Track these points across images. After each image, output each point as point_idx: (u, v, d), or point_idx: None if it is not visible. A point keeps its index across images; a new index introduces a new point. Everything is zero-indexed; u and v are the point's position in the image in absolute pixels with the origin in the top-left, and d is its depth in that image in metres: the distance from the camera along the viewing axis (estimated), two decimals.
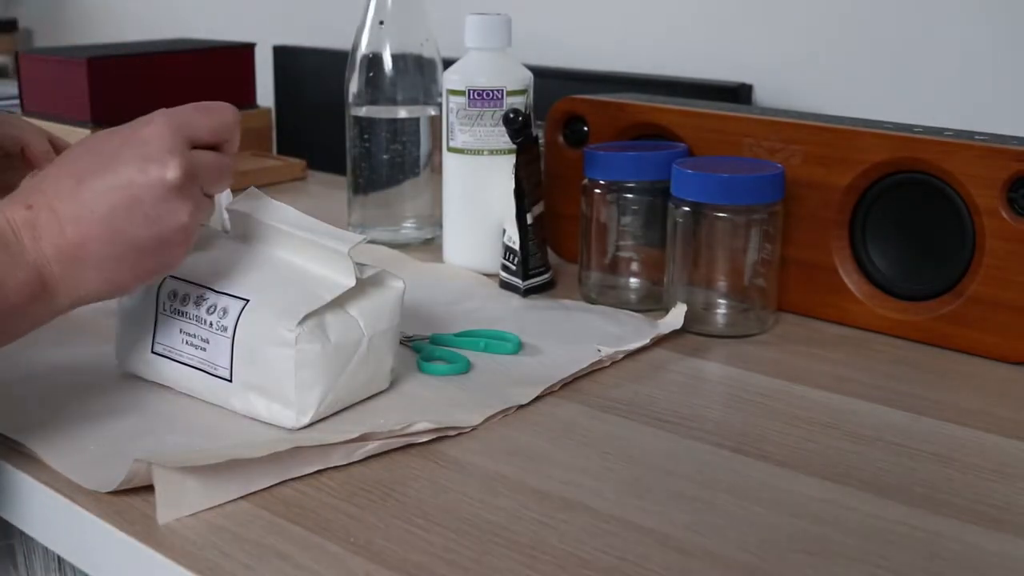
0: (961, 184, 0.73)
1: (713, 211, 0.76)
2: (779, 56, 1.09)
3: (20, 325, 0.56)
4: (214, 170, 0.60)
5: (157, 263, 0.58)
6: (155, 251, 0.57)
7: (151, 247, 0.57)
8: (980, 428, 0.64)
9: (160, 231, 0.56)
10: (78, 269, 0.56)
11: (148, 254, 0.57)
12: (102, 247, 0.56)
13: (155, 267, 0.58)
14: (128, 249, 0.56)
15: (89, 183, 0.56)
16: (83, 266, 0.56)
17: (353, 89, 0.98)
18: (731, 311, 0.79)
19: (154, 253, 0.57)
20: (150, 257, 0.57)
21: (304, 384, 0.60)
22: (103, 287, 0.57)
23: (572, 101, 0.91)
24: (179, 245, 0.58)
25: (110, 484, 0.54)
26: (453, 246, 0.93)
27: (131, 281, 0.58)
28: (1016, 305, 0.72)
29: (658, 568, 0.49)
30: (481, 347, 0.73)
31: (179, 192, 0.56)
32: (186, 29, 1.66)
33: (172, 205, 0.56)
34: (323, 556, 0.50)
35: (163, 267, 0.59)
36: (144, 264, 0.57)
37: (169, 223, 0.57)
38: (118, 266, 0.56)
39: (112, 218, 0.55)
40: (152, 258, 0.57)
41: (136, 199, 0.56)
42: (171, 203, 0.56)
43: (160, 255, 0.58)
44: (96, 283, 0.57)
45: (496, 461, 0.59)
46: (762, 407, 0.66)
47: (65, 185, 0.56)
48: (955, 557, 0.50)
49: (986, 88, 0.97)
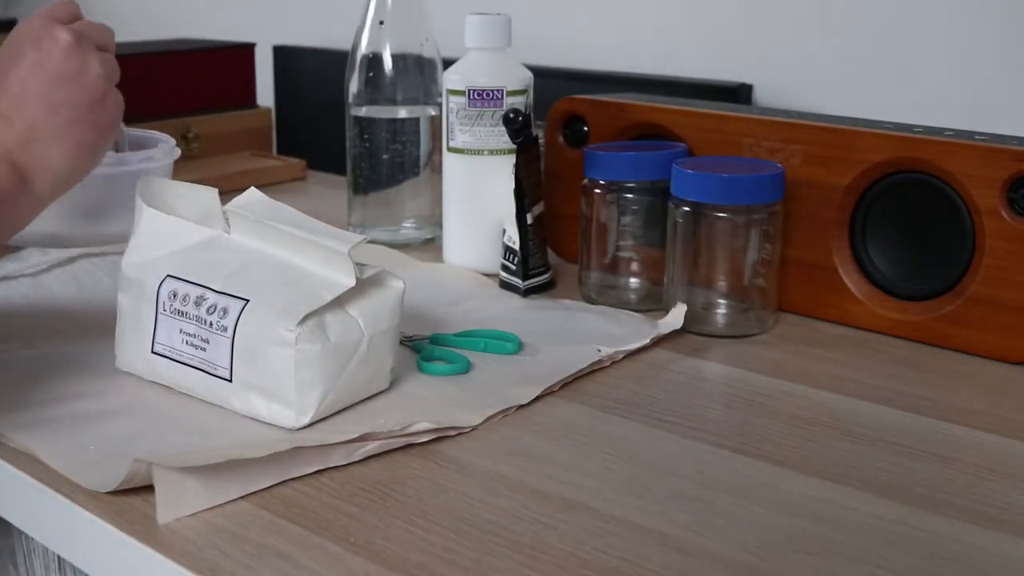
0: (961, 184, 0.73)
1: (713, 211, 0.76)
2: (779, 56, 1.09)
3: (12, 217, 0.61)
4: (93, 27, 0.67)
5: (100, 114, 0.65)
6: (90, 104, 0.64)
7: (87, 103, 0.64)
8: (980, 428, 0.64)
9: (84, 84, 0.64)
10: (40, 147, 0.62)
11: (88, 109, 0.64)
12: (49, 119, 0.62)
13: (100, 119, 0.65)
14: (70, 111, 0.63)
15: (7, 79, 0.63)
16: (43, 142, 0.62)
17: (353, 89, 0.98)
18: (731, 311, 0.79)
19: (92, 106, 0.64)
20: (92, 111, 0.64)
21: (304, 384, 0.60)
22: (71, 153, 0.63)
23: (572, 101, 0.91)
24: (107, 92, 0.65)
25: (110, 484, 0.54)
26: (453, 246, 0.93)
27: (91, 137, 0.64)
28: (1016, 305, 0.72)
29: (658, 568, 0.49)
30: (481, 347, 0.73)
31: (78, 49, 0.64)
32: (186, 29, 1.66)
33: (79, 60, 0.64)
34: (323, 556, 0.50)
35: (107, 116, 0.65)
36: (91, 118, 0.64)
37: (87, 76, 0.64)
38: (71, 129, 0.63)
39: (42, 94, 0.63)
40: (94, 111, 0.64)
41: (51, 70, 0.63)
42: (77, 59, 0.64)
43: (98, 106, 0.64)
44: (62, 152, 0.63)
45: (496, 461, 0.59)
46: (762, 407, 0.66)
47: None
48: (955, 557, 0.50)
49: (986, 88, 0.97)
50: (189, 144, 1.27)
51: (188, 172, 1.18)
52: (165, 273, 0.64)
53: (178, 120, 1.26)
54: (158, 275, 0.64)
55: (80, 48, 0.64)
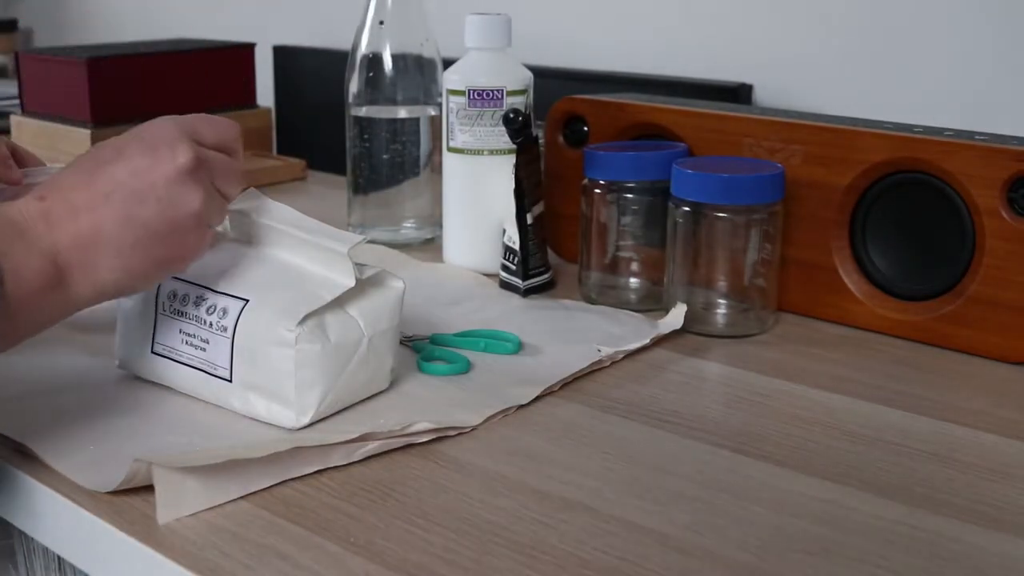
0: (961, 184, 0.73)
1: (713, 211, 0.76)
2: (779, 56, 1.09)
3: (38, 316, 0.55)
4: (223, 165, 0.61)
5: (172, 251, 0.58)
6: (170, 237, 0.58)
7: (165, 232, 0.57)
8: (980, 428, 0.64)
9: (173, 215, 0.57)
10: (94, 256, 0.56)
11: (163, 241, 0.57)
12: (116, 232, 0.56)
13: (171, 255, 0.58)
14: (143, 234, 0.57)
15: (101, 172, 0.57)
16: (98, 253, 0.56)
17: (353, 89, 0.98)
18: (731, 311, 0.79)
19: (169, 240, 0.58)
20: (165, 244, 0.58)
21: (304, 384, 0.60)
22: (120, 276, 0.57)
23: (572, 101, 0.91)
24: (193, 232, 0.59)
25: (110, 484, 0.54)
26: (453, 246, 0.93)
27: (148, 269, 0.58)
28: (1016, 305, 0.72)
29: (658, 568, 0.49)
30: (481, 347, 0.73)
31: (189, 177, 0.57)
32: (186, 29, 1.66)
33: (183, 189, 0.57)
34: (323, 556, 0.50)
35: (179, 256, 0.59)
36: (159, 251, 0.58)
37: (181, 207, 0.57)
38: (133, 253, 0.57)
39: (125, 204, 0.56)
40: (167, 246, 0.58)
41: (148, 183, 0.57)
42: (182, 187, 0.57)
43: (175, 242, 0.58)
44: (112, 271, 0.57)
45: (496, 461, 0.59)
46: (762, 407, 0.66)
47: (77, 177, 0.57)
48: (955, 557, 0.50)
49: (986, 88, 0.97)
50: None
51: None
52: None
53: None
54: None
55: (192, 176, 0.58)
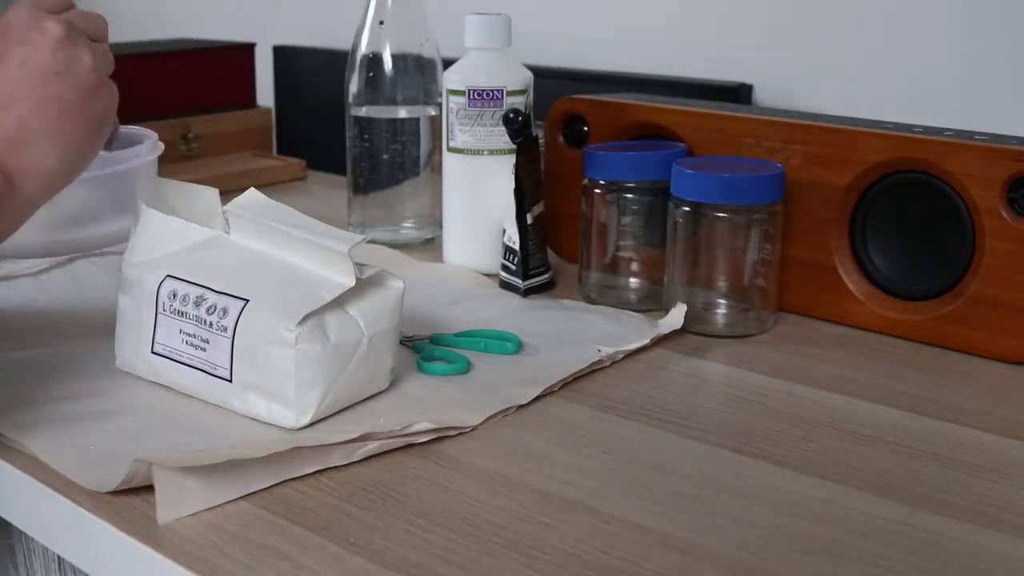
0: (961, 184, 0.73)
1: (713, 211, 0.76)
2: (779, 56, 1.09)
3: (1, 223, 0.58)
4: (85, 18, 0.63)
5: (92, 109, 0.61)
6: (82, 100, 0.61)
7: (77, 97, 0.60)
8: (980, 428, 0.64)
9: (74, 79, 0.60)
10: (28, 147, 0.59)
11: (79, 105, 0.60)
12: (37, 118, 0.59)
13: (93, 114, 0.61)
14: (60, 108, 0.60)
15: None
16: (31, 142, 0.59)
17: (353, 89, 0.98)
18: (731, 311, 0.79)
19: (83, 102, 0.61)
20: (83, 107, 0.61)
21: (304, 384, 0.60)
22: (61, 153, 0.60)
23: (572, 101, 0.91)
24: (100, 86, 0.62)
25: (110, 484, 0.54)
26: (453, 246, 0.93)
27: (83, 135, 0.61)
28: (1016, 305, 0.72)
29: (658, 568, 0.49)
30: (481, 347, 0.73)
31: (68, 40, 0.60)
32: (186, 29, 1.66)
33: (69, 52, 0.60)
34: (323, 556, 0.50)
35: (100, 112, 0.62)
36: (82, 114, 0.61)
37: (77, 68, 0.60)
38: (61, 127, 0.60)
39: (30, 91, 0.59)
40: (86, 107, 0.61)
41: (39, 65, 0.60)
42: (67, 50, 0.60)
43: (90, 101, 0.61)
44: (52, 152, 0.60)
45: (496, 461, 0.59)
46: (762, 407, 0.66)
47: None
48: (955, 557, 0.50)
49: (986, 88, 0.97)
50: (189, 144, 1.27)
51: (188, 172, 1.18)
52: (165, 273, 0.64)
53: (178, 120, 1.26)
54: (158, 275, 0.64)
55: (70, 40, 0.61)
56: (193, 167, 1.23)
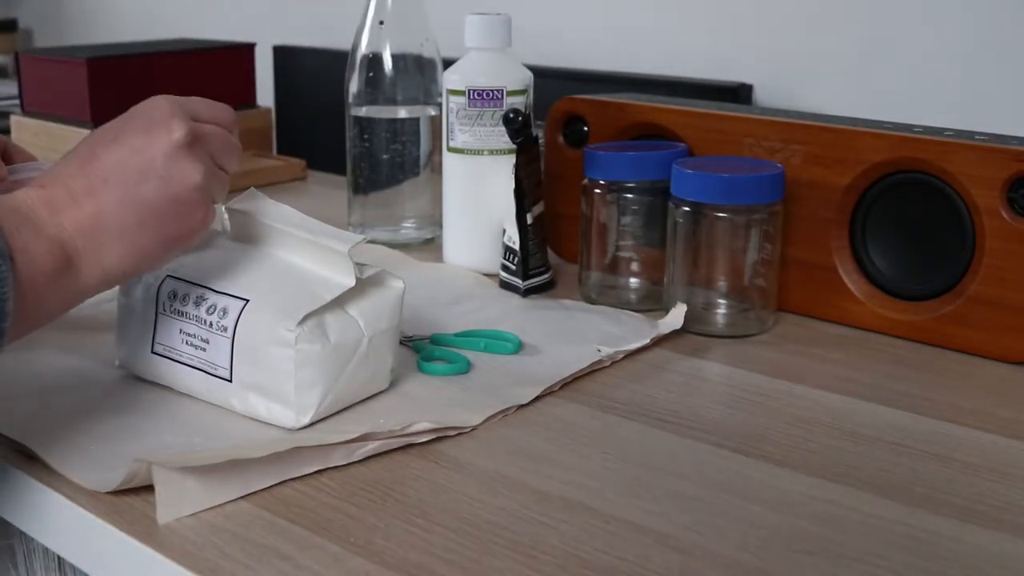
0: (961, 184, 0.73)
1: (713, 211, 0.76)
2: (779, 56, 1.09)
3: (47, 303, 0.55)
4: (220, 139, 0.60)
5: (177, 228, 0.58)
6: (173, 214, 0.57)
7: (168, 209, 0.57)
8: (980, 428, 0.64)
9: (174, 191, 0.57)
10: (99, 239, 0.56)
11: (167, 217, 0.57)
12: (119, 214, 0.56)
13: (176, 232, 0.58)
14: (146, 213, 0.56)
15: (99, 156, 0.57)
16: (104, 235, 0.56)
17: (353, 89, 0.98)
18: (731, 311, 0.79)
19: (173, 216, 0.57)
20: (170, 221, 0.57)
21: (304, 384, 0.60)
22: (128, 257, 0.57)
23: (572, 101, 0.91)
24: (197, 207, 0.58)
25: (110, 484, 0.54)
26: (453, 246, 0.93)
27: (154, 248, 0.58)
28: (1016, 305, 0.72)
29: (658, 568, 0.49)
30: (481, 347, 0.73)
31: (188, 151, 0.57)
32: (186, 29, 1.66)
33: (182, 164, 0.57)
34: (323, 556, 0.50)
35: (184, 233, 0.59)
36: (164, 229, 0.57)
37: (182, 182, 0.57)
38: (139, 232, 0.57)
39: (125, 184, 0.56)
40: (172, 222, 0.57)
41: (147, 162, 0.56)
42: (181, 162, 0.57)
43: (179, 219, 0.58)
44: (120, 253, 0.56)
45: (496, 461, 0.59)
46: (762, 407, 0.66)
47: (76, 164, 0.57)
48: (955, 557, 0.50)
49: (986, 88, 0.97)
50: None
51: None
52: (165, 273, 0.64)
53: None
54: (158, 275, 0.64)
55: (190, 154, 0.57)
56: None
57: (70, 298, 0.56)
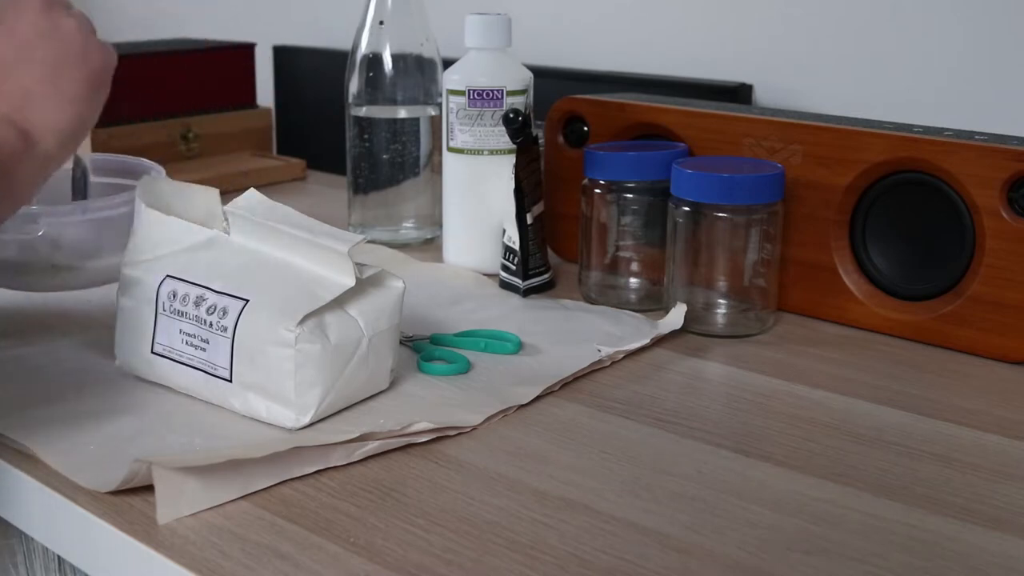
0: (961, 184, 0.73)
1: (713, 211, 0.76)
2: (779, 56, 1.09)
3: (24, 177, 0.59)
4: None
5: (91, 63, 0.63)
6: (76, 55, 0.62)
7: (68, 54, 0.62)
8: (980, 428, 0.64)
9: (60, 39, 0.62)
10: (37, 107, 0.60)
11: (74, 61, 0.62)
12: (34, 78, 0.61)
13: (92, 67, 0.63)
14: (54, 67, 0.61)
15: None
16: (36, 102, 0.60)
17: (353, 89, 0.98)
18: (731, 311, 0.79)
19: (78, 57, 0.62)
20: (79, 62, 0.62)
21: (304, 384, 0.60)
22: (67, 112, 0.61)
23: (572, 101, 0.91)
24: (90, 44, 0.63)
25: (110, 484, 0.54)
26: (453, 246, 0.93)
27: (83, 92, 0.62)
28: (1016, 305, 0.72)
29: (658, 568, 0.49)
30: (481, 347, 0.73)
31: (47, 9, 0.62)
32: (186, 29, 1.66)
33: (49, 17, 0.62)
34: (323, 556, 0.50)
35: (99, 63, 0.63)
36: (80, 72, 0.62)
37: (60, 30, 0.62)
38: (61, 84, 0.61)
39: (23, 55, 0.61)
40: (81, 61, 0.62)
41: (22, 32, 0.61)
42: (48, 17, 0.62)
43: (85, 56, 0.63)
44: (58, 110, 0.61)
45: (496, 461, 0.59)
46: (762, 407, 0.66)
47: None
48: (955, 557, 0.50)
49: (986, 88, 0.97)
50: (189, 144, 1.27)
51: (188, 172, 1.18)
52: (165, 273, 0.64)
53: (178, 120, 1.26)
54: (158, 275, 0.64)
55: (50, 9, 0.63)
56: (193, 167, 1.23)
57: (41, 168, 0.61)
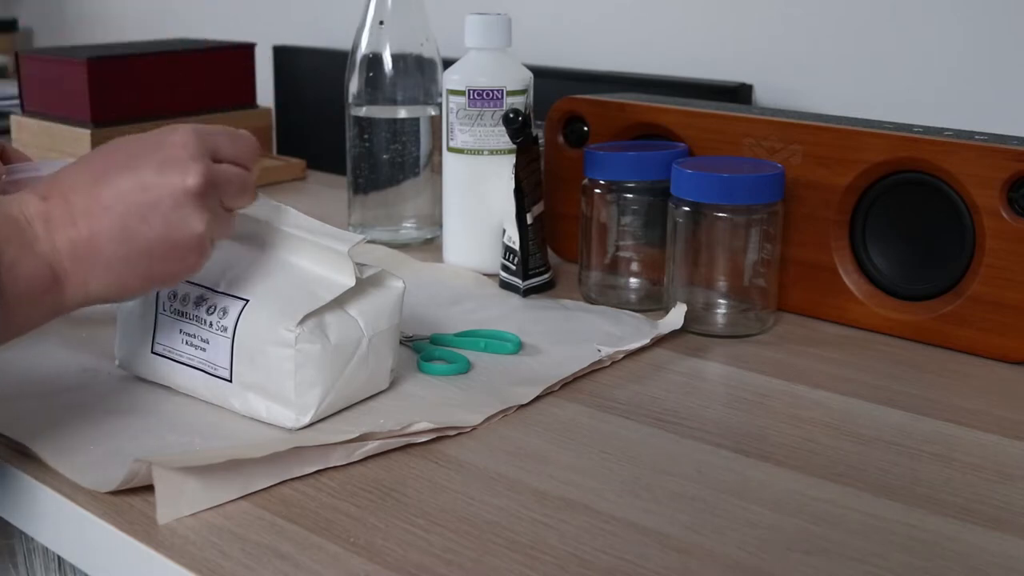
0: (961, 184, 0.73)
1: (713, 211, 0.76)
2: (779, 56, 1.09)
3: (29, 317, 0.55)
4: (236, 183, 0.59)
5: (167, 270, 0.57)
6: (167, 257, 0.56)
7: (163, 252, 0.56)
8: (980, 428, 0.64)
9: (174, 237, 0.56)
10: (88, 265, 0.55)
11: (159, 259, 0.56)
12: (114, 245, 0.55)
13: (165, 274, 0.57)
14: (140, 251, 0.55)
15: (107, 180, 0.55)
16: (93, 263, 0.55)
17: (353, 89, 0.99)
18: (731, 311, 0.79)
19: (165, 259, 0.56)
20: (161, 263, 0.56)
21: (304, 384, 0.60)
22: (111, 288, 0.56)
23: (572, 101, 0.91)
24: (192, 254, 0.57)
25: (110, 484, 0.54)
26: (453, 246, 0.93)
27: (139, 284, 0.57)
28: (1016, 305, 0.72)
29: (658, 568, 0.49)
30: (481, 347, 0.73)
31: (197, 200, 0.56)
32: (186, 29, 1.66)
33: (188, 212, 0.56)
34: (323, 556, 0.50)
35: (173, 275, 0.58)
36: (154, 269, 0.56)
37: (184, 230, 0.56)
38: (128, 267, 0.55)
39: (126, 217, 0.55)
40: (163, 264, 0.56)
41: (153, 201, 0.55)
42: (188, 210, 0.56)
43: (171, 262, 0.57)
44: (104, 282, 0.56)
45: (496, 461, 0.59)
46: (762, 407, 0.66)
47: (82, 180, 0.56)
48: (955, 557, 0.50)
49: (986, 88, 0.97)
50: None
51: None
52: None
53: (178, 120, 1.26)
54: None
55: (199, 202, 0.56)
56: None
57: (50, 313, 0.56)
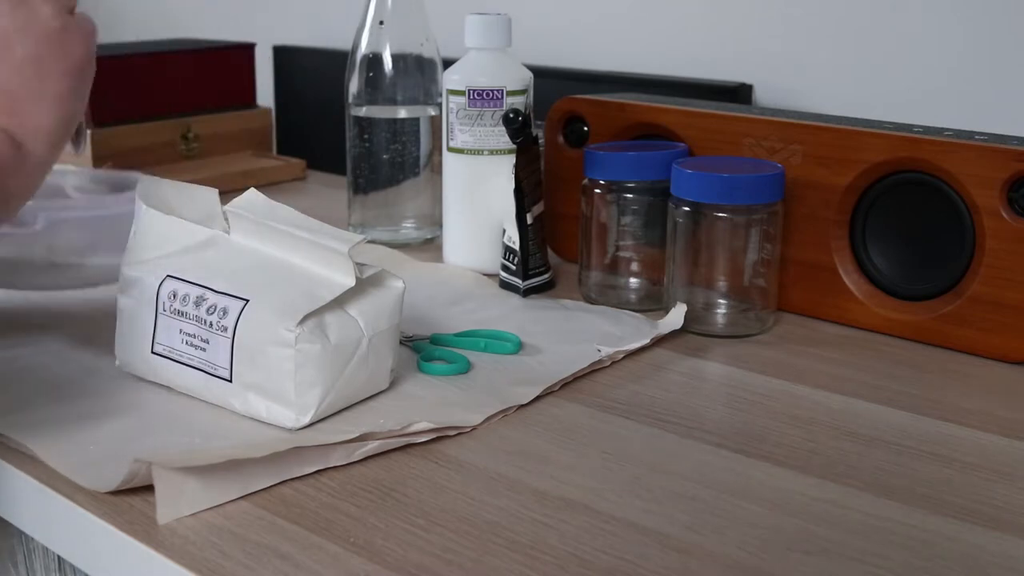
0: (961, 184, 0.73)
1: (713, 211, 0.76)
2: (779, 56, 1.09)
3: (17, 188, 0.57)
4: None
5: (70, 58, 0.59)
6: (55, 47, 0.58)
7: (48, 48, 0.58)
8: (980, 428, 0.64)
9: (38, 31, 0.58)
10: (20, 108, 0.57)
11: (58, 56, 0.58)
12: (18, 79, 0.57)
13: (72, 62, 0.59)
14: (36, 64, 0.57)
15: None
16: (22, 104, 0.57)
17: (353, 89, 0.99)
18: (731, 311, 0.79)
19: (61, 52, 0.58)
20: (63, 57, 0.58)
21: (304, 384, 0.60)
22: (53, 110, 0.58)
23: (572, 101, 0.91)
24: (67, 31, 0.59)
25: (110, 484, 0.54)
26: (453, 246, 0.93)
27: (68, 86, 0.59)
28: (1016, 305, 0.72)
29: (658, 568, 0.49)
30: (481, 347, 0.73)
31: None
32: (186, 29, 1.66)
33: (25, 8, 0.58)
34: (323, 556, 0.50)
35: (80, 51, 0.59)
36: (61, 66, 0.58)
37: (38, 19, 0.58)
38: (45, 82, 0.58)
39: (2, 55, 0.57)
40: (65, 56, 0.58)
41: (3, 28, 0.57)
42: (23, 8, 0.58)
43: (64, 49, 0.58)
44: (45, 112, 0.58)
45: (496, 461, 0.59)
46: (762, 407, 0.66)
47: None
48: (955, 557, 0.50)
49: (986, 88, 0.97)
50: (189, 144, 1.27)
51: (188, 172, 1.18)
52: (165, 273, 0.64)
53: (178, 120, 1.26)
54: (158, 275, 0.64)
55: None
56: (193, 167, 1.23)
57: (34, 173, 0.58)
